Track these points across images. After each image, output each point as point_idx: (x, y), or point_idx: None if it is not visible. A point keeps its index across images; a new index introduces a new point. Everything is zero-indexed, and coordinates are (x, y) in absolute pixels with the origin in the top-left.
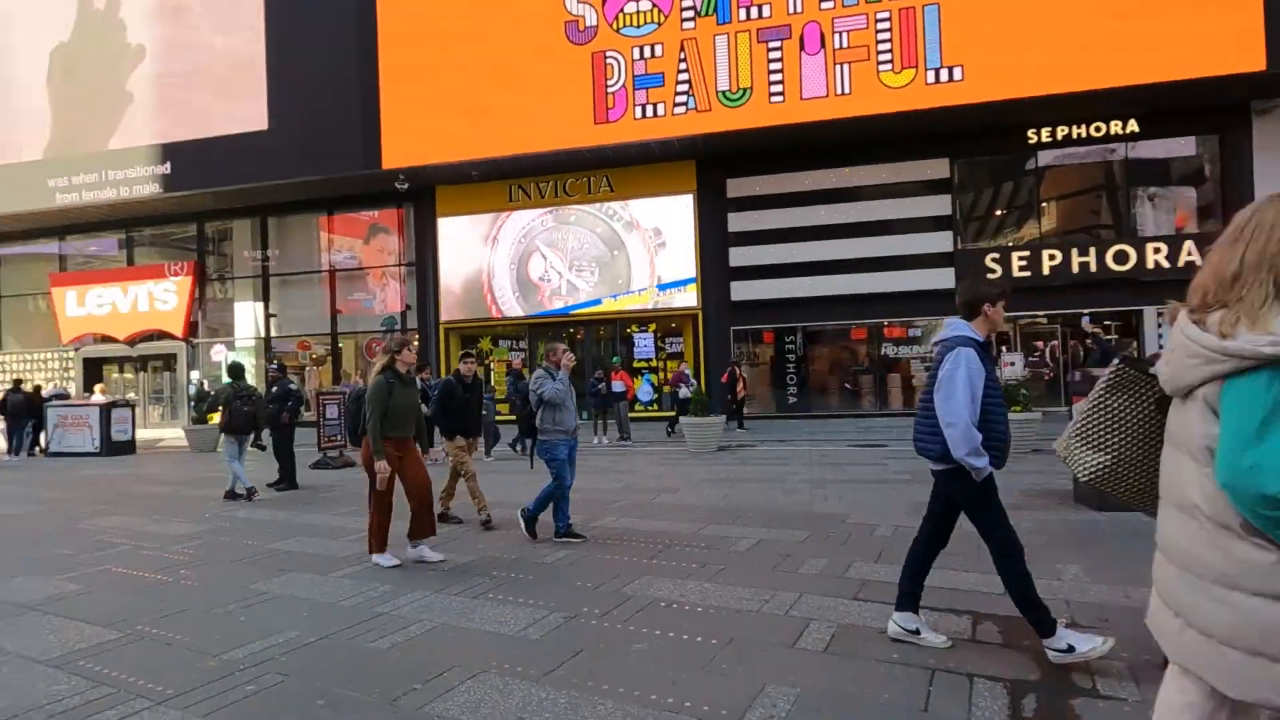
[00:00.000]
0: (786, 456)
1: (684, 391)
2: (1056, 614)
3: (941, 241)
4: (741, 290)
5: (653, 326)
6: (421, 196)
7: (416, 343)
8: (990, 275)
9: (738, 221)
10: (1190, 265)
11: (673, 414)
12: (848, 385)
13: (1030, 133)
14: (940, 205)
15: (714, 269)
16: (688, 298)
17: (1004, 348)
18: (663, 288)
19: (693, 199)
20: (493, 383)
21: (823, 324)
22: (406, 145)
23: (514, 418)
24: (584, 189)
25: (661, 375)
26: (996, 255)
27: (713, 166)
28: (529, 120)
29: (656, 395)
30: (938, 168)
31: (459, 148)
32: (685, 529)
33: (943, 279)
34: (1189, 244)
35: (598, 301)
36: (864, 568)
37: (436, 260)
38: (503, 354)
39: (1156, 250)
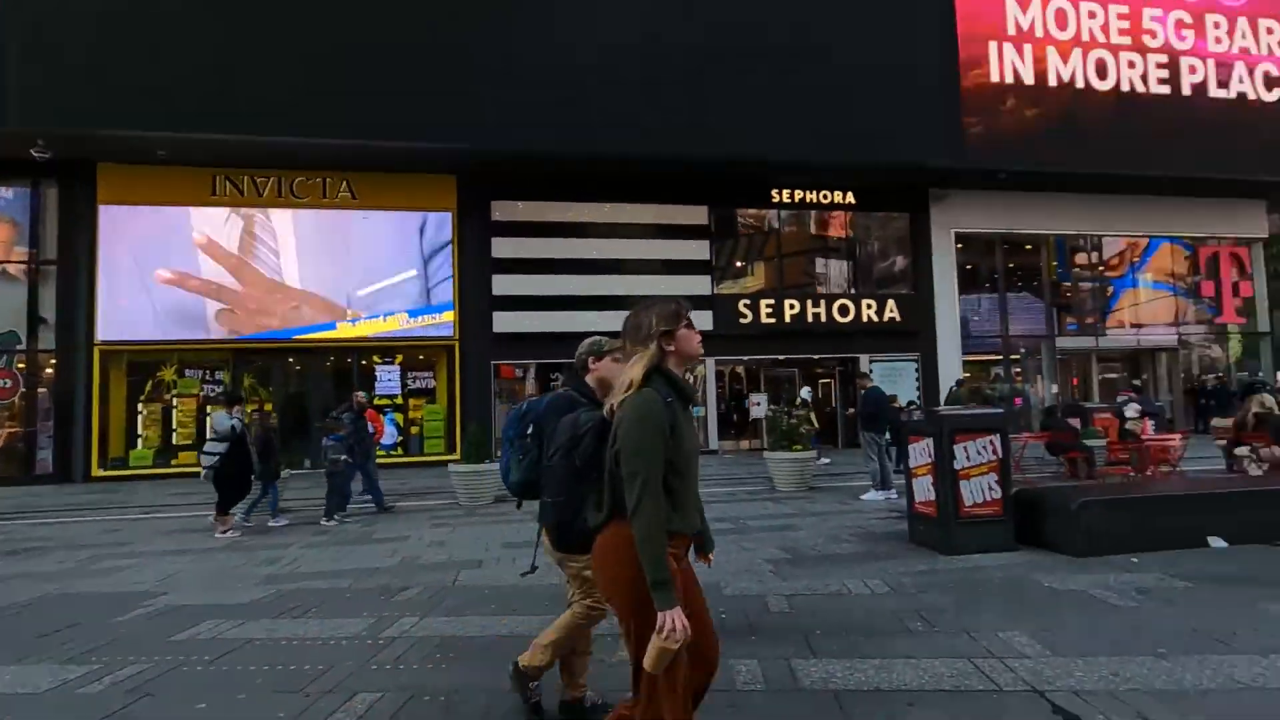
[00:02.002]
0: None
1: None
2: None
3: (701, 285)
4: (506, 322)
5: (399, 358)
6: (74, 173)
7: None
8: (743, 320)
9: (504, 248)
10: (892, 321)
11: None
12: None
13: (774, 191)
14: (700, 250)
15: (475, 296)
16: (442, 327)
17: (752, 391)
18: (414, 313)
19: (452, 218)
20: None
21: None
22: (55, 97)
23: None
24: (317, 191)
25: (407, 415)
26: (748, 301)
27: (477, 185)
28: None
29: (401, 439)
30: (697, 214)
31: (141, 112)
32: (524, 630)
33: (701, 321)
34: (891, 302)
35: (330, 325)
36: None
37: (94, 261)
38: (191, 385)
39: (869, 306)
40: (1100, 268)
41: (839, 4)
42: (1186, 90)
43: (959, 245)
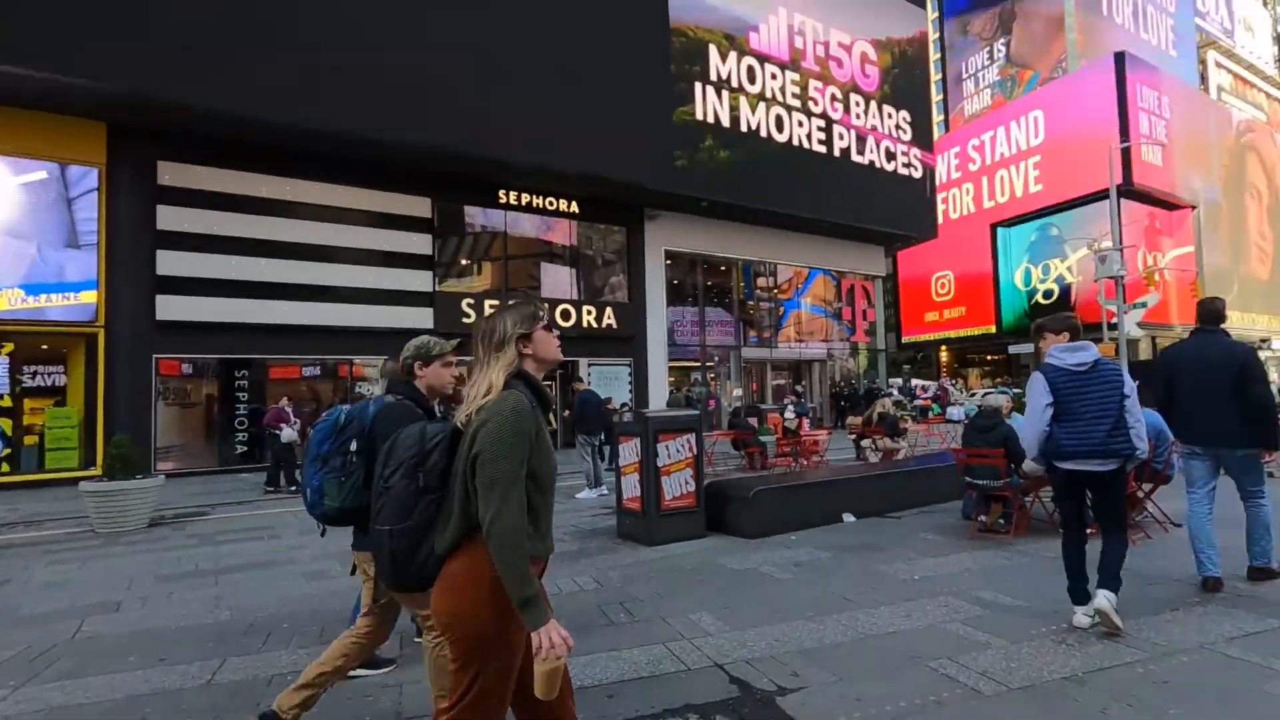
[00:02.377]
0: (269, 523)
1: (287, 433)
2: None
3: (422, 280)
4: (175, 308)
5: (7, 346)
6: None
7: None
8: (466, 319)
9: (174, 218)
10: (609, 327)
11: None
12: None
13: (502, 191)
14: (422, 244)
15: (130, 274)
16: (79, 310)
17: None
18: (33, 290)
19: (100, 176)
20: None
21: (286, 357)
22: None
23: None
24: None
25: (19, 420)
26: (471, 300)
27: (136, 138)
28: None
29: (9, 450)
30: (420, 205)
31: None
32: (178, 684)
33: (422, 318)
34: (609, 309)
35: None
36: None
37: None
38: None
39: (589, 312)
40: (775, 291)
41: (573, 15)
42: (837, 152)
43: (668, 262)
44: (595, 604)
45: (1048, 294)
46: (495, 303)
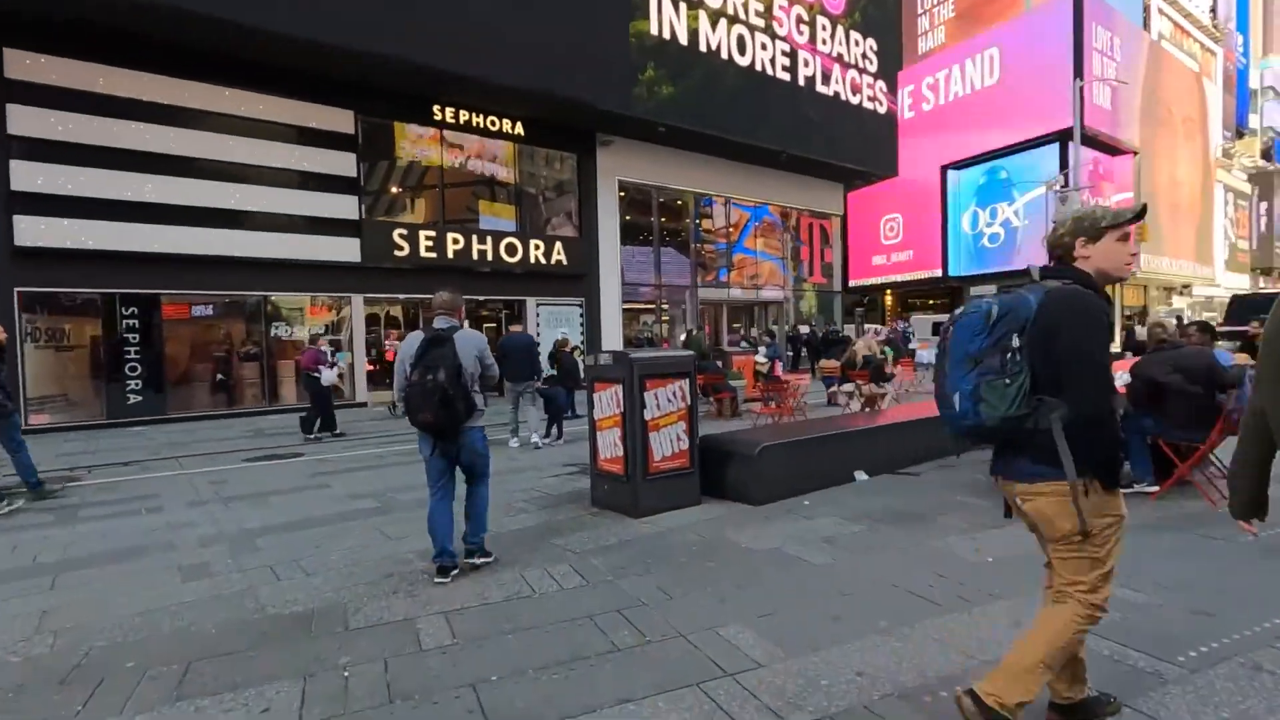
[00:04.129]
0: (152, 496)
1: (327, 375)
2: None
3: (345, 206)
4: (35, 231)
5: None
6: None
7: None
8: (399, 252)
9: (31, 121)
10: (559, 264)
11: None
12: (222, 377)
13: (436, 108)
14: (344, 164)
15: None
16: None
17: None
18: None
19: None
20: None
21: (183, 293)
22: None
23: None
24: None
25: None
26: (404, 232)
27: None
28: None
29: None
30: (341, 119)
31: None
32: None
33: (346, 249)
34: (558, 244)
35: None
36: None
37: None
38: None
39: (536, 247)
40: (730, 229)
41: None
42: (801, 81)
43: (621, 194)
44: (585, 610)
45: (994, 238)
46: (432, 234)
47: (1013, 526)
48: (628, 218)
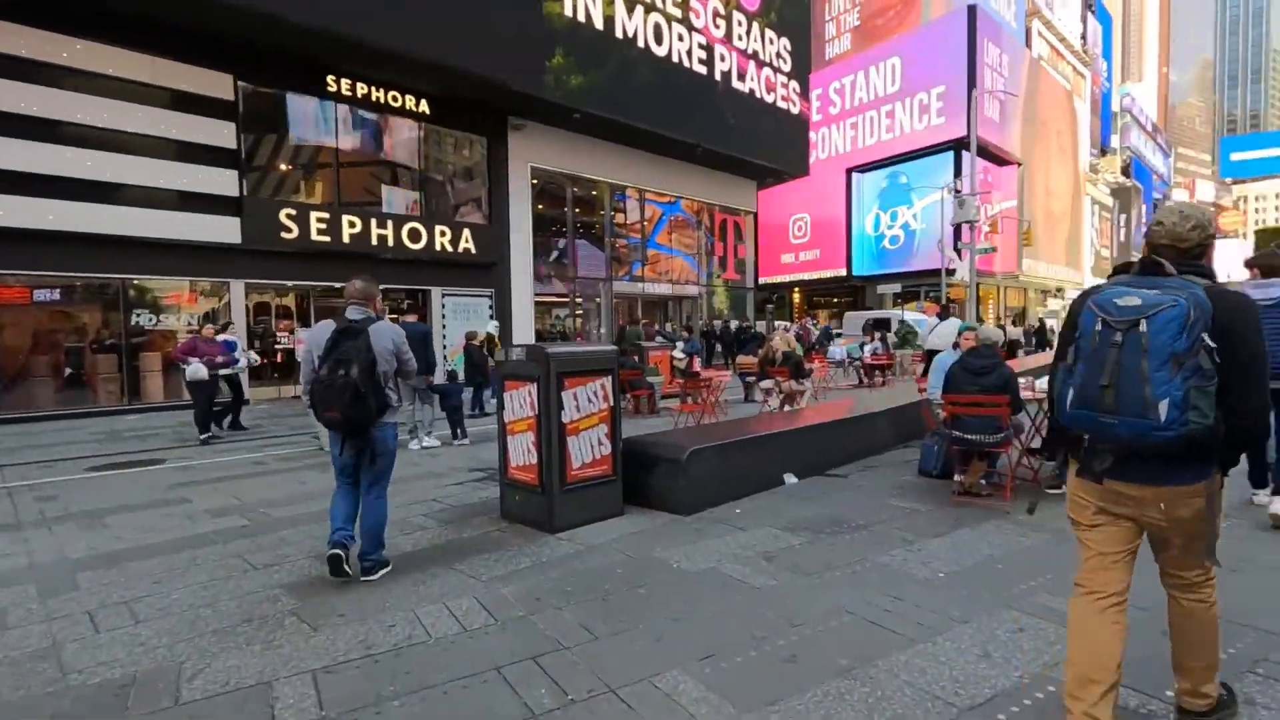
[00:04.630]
0: None
1: (194, 368)
2: None
3: (223, 182)
4: None
5: None
6: None
7: None
8: (287, 234)
9: None
10: (467, 252)
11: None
12: (71, 371)
13: (331, 79)
14: (221, 133)
15: None
16: None
17: (302, 325)
18: None
19: None
20: None
21: (23, 274)
22: None
23: None
24: None
25: None
26: (293, 212)
27: None
28: None
29: None
30: (218, 84)
31: None
32: None
33: (224, 230)
34: (466, 231)
35: None
36: None
37: None
38: None
39: (443, 234)
40: (646, 222)
41: None
42: (718, 75)
43: (534, 181)
44: (492, 661)
45: (894, 240)
46: (326, 215)
47: (951, 535)
48: (540, 207)
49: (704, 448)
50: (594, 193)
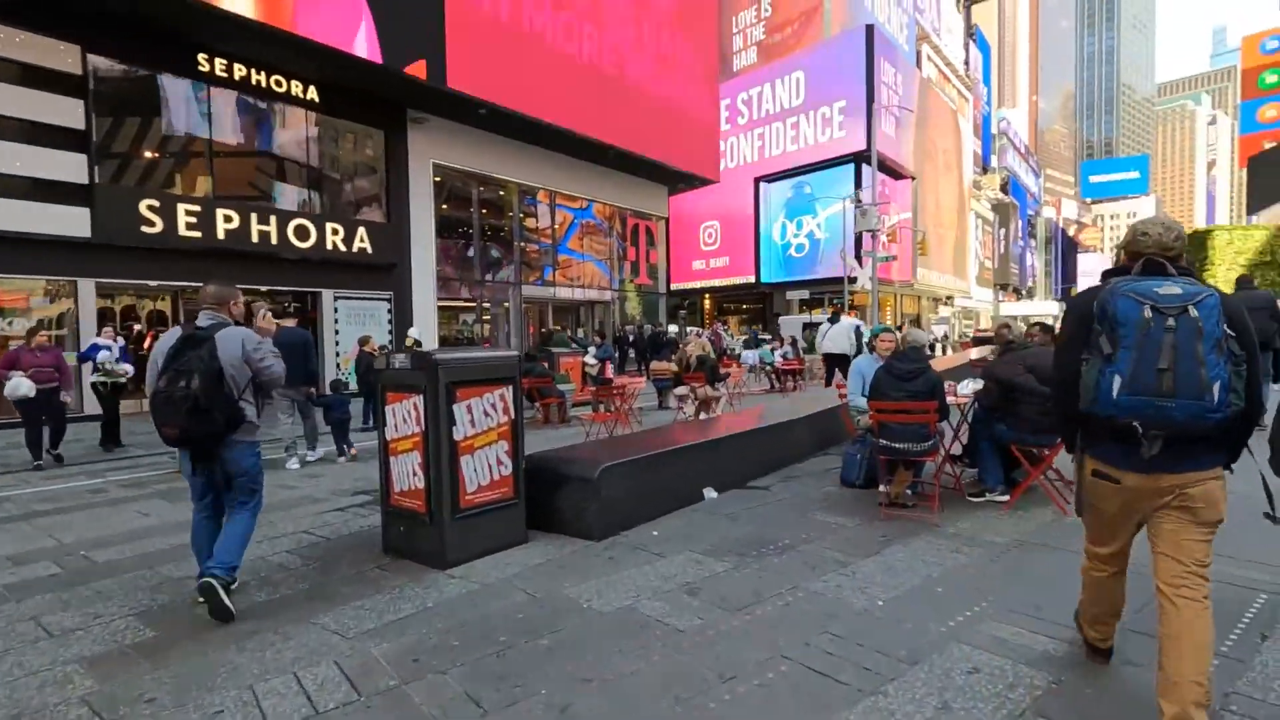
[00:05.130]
0: None
1: (13, 383)
2: None
3: (70, 167)
4: None
5: None
6: None
7: None
8: (149, 229)
9: None
10: (363, 252)
11: None
12: None
13: (203, 56)
14: (67, 112)
15: None
16: None
17: (160, 329)
18: None
19: None
20: None
21: None
22: None
23: None
24: None
25: None
26: (156, 204)
27: None
28: None
29: None
30: (64, 56)
31: None
32: None
33: (71, 221)
34: (362, 230)
35: None
36: None
37: None
38: None
39: (335, 232)
40: (557, 227)
41: None
42: (632, 78)
43: (437, 179)
44: None
45: (799, 248)
46: (196, 209)
47: (884, 554)
48: (445, 207)
49: (617, 464)
50: (502, 194)
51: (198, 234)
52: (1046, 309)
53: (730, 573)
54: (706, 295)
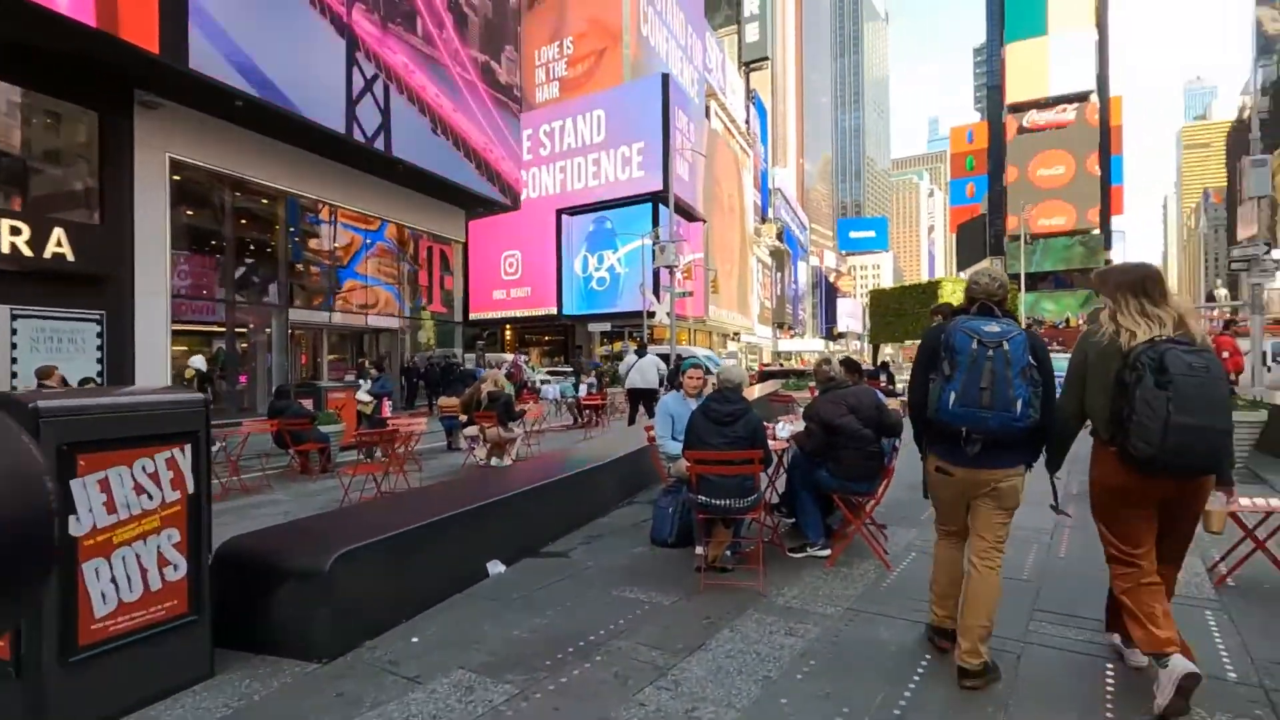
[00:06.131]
0: None
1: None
2: None
3: None
4: None
5: None
6: None
7: None
8: None
9: None
10: (59, 259)
11: None
12: None
13: None
14: None
15: None
16: None
17: None
18: None
19: None
20: None
21: None
22: None
23: None
24: None
25: None
26: None
27: None
28: None
29: None
30: None
31: None
32: None
33: None
34: (59, 232)
35: None
36: None
37: None
38: None
39: (17, 232)
40: (336, 248)
41: None
42: (425, 86)
43: (175, 177)
44: None
45: (600, 281)
46: None
47: (710, 644)
48: (190, 213)
49: (363, 546)
50: (265, 203)
51: None
52: (815, 346)
53: (514, 703)
54: (508, 325)
